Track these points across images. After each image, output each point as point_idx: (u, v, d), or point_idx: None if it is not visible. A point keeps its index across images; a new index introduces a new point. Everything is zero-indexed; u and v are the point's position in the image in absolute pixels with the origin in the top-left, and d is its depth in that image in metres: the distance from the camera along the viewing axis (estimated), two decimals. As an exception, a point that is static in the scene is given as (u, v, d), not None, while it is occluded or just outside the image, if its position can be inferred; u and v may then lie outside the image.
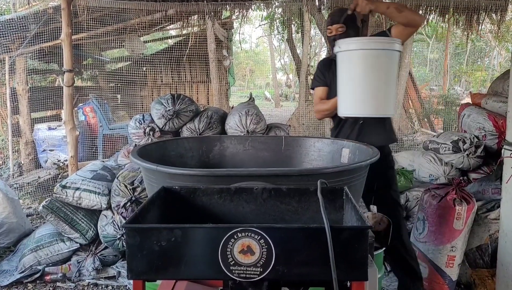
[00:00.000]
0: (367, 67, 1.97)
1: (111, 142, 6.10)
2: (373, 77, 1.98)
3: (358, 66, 1.98)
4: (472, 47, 16.33)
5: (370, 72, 1.98)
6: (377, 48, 1.95)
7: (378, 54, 1.96)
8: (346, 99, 2.09)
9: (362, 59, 1.97)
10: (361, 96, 2.02)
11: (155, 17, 5.62)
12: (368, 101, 2.02)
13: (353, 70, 2.01)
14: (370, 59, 1.96)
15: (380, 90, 2.00)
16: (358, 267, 1.06)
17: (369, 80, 1.99)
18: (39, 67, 6.88)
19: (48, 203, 3.06)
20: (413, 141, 7.71)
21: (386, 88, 2.02)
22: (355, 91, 2.03)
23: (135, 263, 1.07)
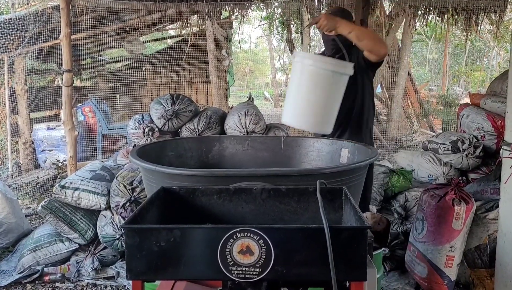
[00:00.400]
0: (315, 84, 2.00)
1: (110, 142, 6.10)
2: (318, 95, 2.01)
3: (307, 81, 2.00)
4: (471, 47, 16.33)
5: (316, 90, 2.00)
6: (327, 69, 1.96)
7: (327, 74, 1.98)
8: (289, 108, 2.11)
9: (312, 75, 1.98)
10: (303, 110, 2.05)
11: (155, 17, 5.62)
12: (308, 116, 2.05)
13: (302, 83, 2.03)
14: (319, 77, 1.98)
15: (322, 109, 2.04)
16: (357, 267, 1.06)
17: (313, 97, 2.02)
18: (38, 67, 6.87)
19: (47, 203, 3.06)
20: (412, 141, 7.72)
21: (328, 107, 2.06)
22: (299, 103, 2.06)
23: (134, 264, 1.07)
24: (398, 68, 7.54)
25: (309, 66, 1.96)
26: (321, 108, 2.04)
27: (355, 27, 2.20)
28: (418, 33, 12.18)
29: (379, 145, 7.30)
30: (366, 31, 2.22)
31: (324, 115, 2.06)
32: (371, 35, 2.21)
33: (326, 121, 2.08)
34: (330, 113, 2.07)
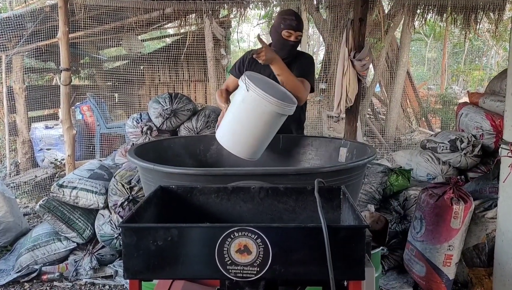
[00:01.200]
0: (258, 116, 1.95)
1: (108, 141, 6.09)
2: (258, 127, 1.99)
3: (249, 107, 1.95)
4: (470, 46, 16.35)
5: (257, 122, 1.97)
6: (271, 103, 1.91)
7: (273, 113, 1.94)
8: (224, 127, 2.08)
9: (255, 104, 1.92)
10: (236, 134, 2.03)
11: (153, 16, 5.61)
12: (239, 141, 2.02)
13: (242, 107, 1.99)
14: (264, 113, 1.94)
15: (254, 139, 2.01)
16: (355, 266, 1.06)
17: (253, 128, 1.99)
18: (36, 66, 6.86)
19: (45, 202, 3.05)
20: (411, 140, 7.72)
21: (264, 140, 2.04)
22: (234, 126, 2.03)
23: (132, 263, 1.06)
24: (397, 67, 7.55)
25: (257, 98, 1.90)
26: (254, 139, 2.02)
27: (285, 73, 2.21)
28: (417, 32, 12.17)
29: (377, 144, 7.30)
30: (291, 82, 2.22)
31: (258, 146, 2.05)
32: (293, 86, 2.23)
33: (255, 150, 2.06)
34: (261, 145, 2.07)
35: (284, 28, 2.32)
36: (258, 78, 2.13)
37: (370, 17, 6.52)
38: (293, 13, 2.38)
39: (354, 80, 3.68)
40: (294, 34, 2.34)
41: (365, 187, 3.09)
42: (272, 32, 2.41)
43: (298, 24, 2.35)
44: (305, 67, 2.45)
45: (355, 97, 3.73)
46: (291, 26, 2.32)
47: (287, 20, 2.32)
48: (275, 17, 2.44)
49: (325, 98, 7.43)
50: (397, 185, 3.14)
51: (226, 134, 2.06)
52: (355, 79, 3.69)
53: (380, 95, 9.08)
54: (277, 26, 2.36)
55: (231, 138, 2.04)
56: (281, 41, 2.35)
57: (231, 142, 2.03)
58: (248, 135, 2.01)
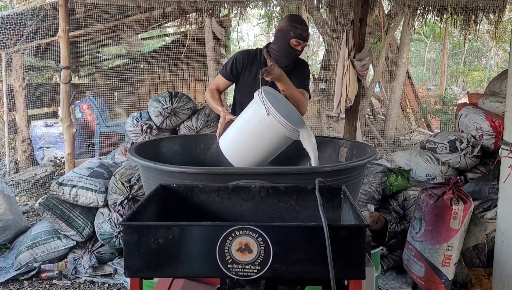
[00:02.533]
0: (270, 137, 1.93)
1: (108, 140, 6.09)
2: (266, 147, 1.97)
3: (265, 130, 1.91)
4: (470, 47, 16.37)
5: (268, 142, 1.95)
6: (289, 130, 1.88)
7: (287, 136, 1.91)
8: (231, 141, 2.05)
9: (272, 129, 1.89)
10: (243, 152, 2.01)
11: (153, 15, 5.61)
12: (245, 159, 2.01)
13: (258, 129, 1.94)
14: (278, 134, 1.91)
15: (260, 159, 2.00)
16: (355, 266, 1.06)
17: (260, 146, 1.97)
18: (36, 64, 6.85)
19: (44, 200, 3.05)
20: (410, 140, 7.73)
21: (266, 159, 2.03)
22: (243, 144, 2.01)
23: (132, 261, 1.06)
24: (396, 67, 7.55)
25: (276, 124, 1.87)
26: (263, 160, 2.02)
27: (289, 89, 2.22)
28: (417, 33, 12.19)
29: (377, 144, 7.31)
30: (295, 97, 2.24)
31: (261, 164, 2.04)
32: (297, 101, 2.25)
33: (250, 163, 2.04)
34: (266, 163, 2.07)
35: (293, 37, 2.26)
36: (273, 96, 2.07)
37: (370, 17, 6.53)
38: (304, 22, 2.34)
39: (354, 80, 3.69)
40: (302, 44, 2.31)
41: (364, 187, 3.09)
42: (278, 36, 2.32)
43: (308, 35, 2.32)
44: (303, 78, 2.43)
45: (355, 97, 3.74)
46: (302, 37, 2.28)
47: (298, 29, 2.26)
48: (284, 20, 2.36)
49: (324, 98, 7.43)
50: (396, 185, 3.14)
51: (233, 147, 2.04)
52: (355, 79, 3.69)
53: (380, 96, 9.09)
54: (286, 33, 2.28)
55: (238, 153, 2.02)
56: (287, 49, 2.30)
57: (237, 157, 2.02)
58: (256, 154, 2.00)
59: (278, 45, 2.33)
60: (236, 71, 2.44)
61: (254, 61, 2.43)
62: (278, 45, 2.33)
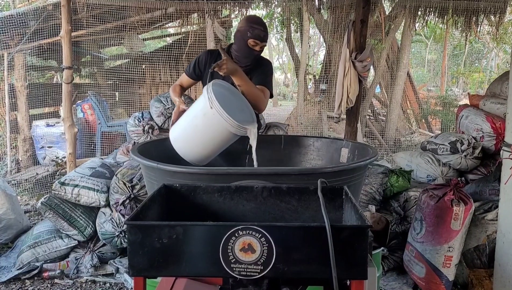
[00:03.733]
0: (214, 130, 1.94)
1: (109, 140, 6.10)
2: (210, 139, 1.97)
3: (209, 123, 1.92)
4: (470, 48, 16.38)
5: (212, 135, 1.96)
6: (232, 126, 1.89)
7: (230, 131, 1.91)
8: (178, 132, 2.07)
9: (215, 122, 1.89)
10: (189, 142, 2.02)
11: (155, 15, 5.62)
12: (190, 150, 2.03)
13: (203, 121, 1.95)
14: (221, 128, 1.91)
15: (206, 151, 2.02)
16: (357, 266, 1.06)
17: (205, 139, 1.98)
18: (37, 64, 6.86)
19: (46, 200, 3.06)
20: (411, 141, 7.74)
21: (213, 152, 2.04)
22: (189, 135, 2.03)
23: (137, 260, 1.07)
24: (397, 68, 7.56)
25: (219, 118, 1.87)
26: (209, 153, 2.03)
27: (246, 84, 2.21)
28: (418, 34, 12.19)
29: (377, 145, 7.31)
30: (252, 93, 2.23)
31: (208, 157, 2.05)
32: (254, 97, 2.24)
33: (206, 160, 2.07)
34: (213, 156, 2.08)
35: (251, 37, 2.30)
36: (224, 88, 2.09)
37: (371, 18, 6.54)
38: (262, 22, 2.36)
39: (355, 81, 3.69)
40: (260, 44, 2.34)
41: (365, 188, 3.10)
42: (237, 36, 2.36)
43: (265, 35, 2.34)
44: (264, 76, 2.43)
45: (356, 98, 3.74)
46: (259, 37, 2.31)
47: (255, 29, 2.30)
48: (242, 21, 2.39)
49: (325, 98, 7.45)
50: (397, 186, 3.15)
51: (179, 139, 2.05)
52: (356, 80, 3.70)
53: (380, 96, 9.10)
54: (243, 33, 2.32)
55: (184, 144, 2.04)
56: (245, 49, 2.34)
57: (183, 148, 2.03)
58: (201, 147, 2.01)
59: (237, 45, 2.37)
60: (198, 70, 2.49)
61: (217, 60, 2.44)
62: (237, 45, 2.37)
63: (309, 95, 8.08)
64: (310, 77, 8.50)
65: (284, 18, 7.54)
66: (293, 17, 7.26)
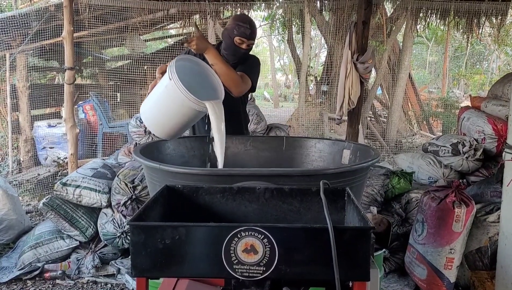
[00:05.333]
0: (174, 104, 1.95)
1: (110, 140, 6.11)
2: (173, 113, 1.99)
3: (169, 95, 1.93)
4: (471, 50, 16.37)
5: (173, 108, 1.97)
6: (190, 100, 1.89)
7: (189, 105, 1.91)
8: (146, 104, 2.09)
9: (175, 95, 1.90)
10: (154, 116, 2.05)
11: (157, 16, 5.63)
12: (156, 122, 2.06)
13: (165, 93, 1.96)
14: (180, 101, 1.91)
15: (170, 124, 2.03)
16: (360, 268, 1.07)
17: (167, 112, 1.99)
18: (39, 64, 6.88)
19: (48, 200, 3.06)
20: (412, 143, 7.74)
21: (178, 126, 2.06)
22: (154, 108, 2.05)
23: (139, 261, 1.07)
24: (398, 70, 7.56)
25: (177, 91, 1.87)
26: (174, 126, 2.05)
27: (219, 63, 2.18)
28: (419, 36, 12.19)
29: (378, 147, 7.31)
30: (226, 72, 2.18)
31: (174, 131, 2.07)
32: (228, 77, 2.20)
33: (173, 135, 2.10)
34: (180, 131, 2.11)
35: (237, 35, 2.32)
36: (195, 64, 2.09)
37: (373, 20, 6.54)
38: (248, 20, 2.37)
39: (357, 82, 3.69)
40: (247, 42, 2.35)
41: (367, 189, 3.10)
42: (224, 34, 2.39)
43: (251, 32, 2.35)
44: (248, 66, 2.43)
45: (357, 99, 3.75)
46: (245, 34, 2.32)
47: (241, 27, 2.31)
48: (230, 20, 2.42)
49: (326, 100, 7.45)
50: (398, 188, 3.15)
51: (146, 111, 2.08)
52: (358, 82, 3.70)
53: (382, 98, 9.10)
54: (230, 31, 2.34)
55: (150, 117, 2.07)
56: (232, 47, 2.35)
57: (149, 121, 2.07)
58: (165, 119, 2.03)
59: (224, 43, 2.40)
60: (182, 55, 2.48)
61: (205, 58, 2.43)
62: (224, 43, 2.40)
63: (311, 97, 8.08)
64: (312, 79, 8.49)
65: (286, 20, 7.54)
66: (295, 18, 7.26)
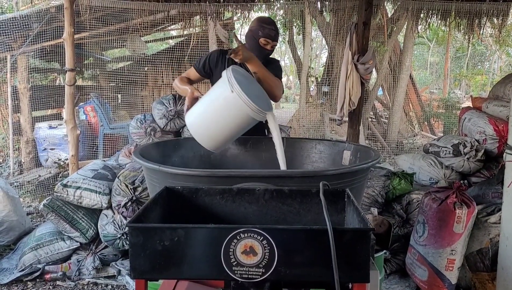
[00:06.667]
0: (234, 115, 1.94)
1: (111, 142, 6.11)
2: (229, 124, 1.98)
3: (229, 106, 1.92)
4: (473, 51, 16.35)
5: (231, 120, 1.96)
6: (253, 110, 1.89)
7: (250, 115, 1.91)
8: (196, 116, 2.06)
9: (236, 106, 1.89)
10: (207, 127, 2.02)
11: (157, 18, 5.63)
12: (208, 134, 2.02)
13: (222, 104, 1.94)
14: (241, 112, 1.91)
15: (224, 136, 2.02)
16: (360, 269, 1.06)
17: (224, 123, 1.98)
18: (40, 66, 6.89)
19: (49, 202, 3.06)
20: (413, 144, 7.72)
21: (230, 138, 2.06)
22: (208, 119, 2.02)
23: (138, 262, 1.07)
24: (399, 71, 7.56)
25: (240, 102, 1.87)
26: (226, 138, 2.04)
27: (262, 70, 2.25)
28: (420, 36, 12.19)
29: (379, 148, 7.30)
30: (269, 79, 2.27)
31: (225, 143, 2.06)
32: (270, 84, 2.28)
33: (222, 147, 2.08)
34: (230, 142, 2.11)
35: (262, 36, 2.36)
36: (241, 75, 2.10)
37: (374, 21, 6.54)
38: (273, 22, 2.42)
39: (358, 83, 3.69)
40: (271, 43, 2.40)
41: (367, 190, 3.09)
42: (248, 36, 2.42)
43: (276, 34, 2.40)
44: (277, 70, 2.50)
45: (358, 100, 3.74)
46: (270, 36, 2.36)
47: (266, 28, 2.36)
48: (254, 21, 2.44)
49: (327, 101, 7.44)
50: (399, 189, 3.14)
51: (197, 123, 2.05)
52: (359, 83, 3.69)
53: (383, 99, 9.09)
54: (255, 32, 2.38)
55: (201, 129, 2.04)
56: (257, 48, 2.38)
57: (200, 132, 2.03)
58: (220, 131, 2.01)
59: (248, 44, 2.41)
60: (208, 67, 2.51)
61: (229, 60, 2.45)
62: (248, 44, 2.41)
63: (311, 98, 8.08)
64: (312, 80, 8.50)
65: (287, 21, 7.54)
66: (296, 19, 7.27)
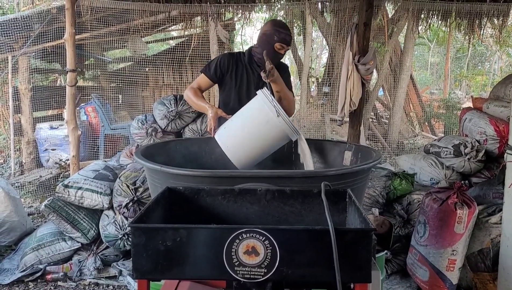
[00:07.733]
0: (273, 137, 2.01)
1: (112, 142, 6.11)
2: (266, 145, 2.04)
3: (271, 129, 1.99)
4: (473, 51, 16.34)
5: (270, 141, 2.03)
6: (295, 133, 2.00)
7: (289, 137, 2.01)
8: (232, 136, 2.07)
9: (278, 130, 1.98)
10: (244, 148, 2.04)
11: (158, 18, 5.63)
12: (243, 154, 2.05)
13: (265, 127, 2.00)
14: (282, 135, 2.00)
15: (258, 155, 2.07)
16: (361, 269, 1.06)
17: (261, 144, 2.04)
18: (41, 67, 6.90)
19: (50, 202, 3.07)
20: (414, 144, 7.72)
21: (263, 157, 2.09)
22: (245, 140, 2.04)
23: (140, 263, 1.07)
24: (400, 71, 7.55)
25: (284, 126, 1.95)
26: (260, 157, 2.08)
27: (284, 90, 2.36)
28: (420, 37, 12.18)
29: (380, 148, 7.30)
30: (288, 97, 2.38)
31: (256, 161, 2.09)
32: (289, 102, 2.40)
33: (252, 165, 2.10)
34: (260, 160, 2.11)
35: (277, 41, 2.35)
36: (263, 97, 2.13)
37: (374, 21, 6.53)
38: (287, 27, 2.42)
39: (358, 84, 3.69)
40: (286, 48, 2.40)
41: (368, 191, 3.09)
42: (262, 39, 2.39)
43: (290, 39, 2.41)
44: (288, 81, 2.53)
45: (359, 101, 3.74)
46: (285, 41, 2.36)
47: (282, 33, 2.34)
48: (268, 25, 2.42)
49: (328, 101, 7.44)
50: (400, 189, 3.14)
51: (234, 145, 2.05)
52: (359, 83, 3.69)
53: (383, 99, 9.08)
54: (270, 36, 2.35)
55: (238, 150, 2.05)
56: (272, 53, 2.36)
57: (237, 154, 2.05)
58: (257, 152, 2.06)
59: (262, 48, 2.37)
60: (220, 72, 2.49)
61: (238, 64, 2.48)
62: (262, 48, 2.37)
63: (312, 98, 8.08)
64: (313, 80, 8.50)
65: (287, 21, 7.54)
66: (296, 20, 7.27)
